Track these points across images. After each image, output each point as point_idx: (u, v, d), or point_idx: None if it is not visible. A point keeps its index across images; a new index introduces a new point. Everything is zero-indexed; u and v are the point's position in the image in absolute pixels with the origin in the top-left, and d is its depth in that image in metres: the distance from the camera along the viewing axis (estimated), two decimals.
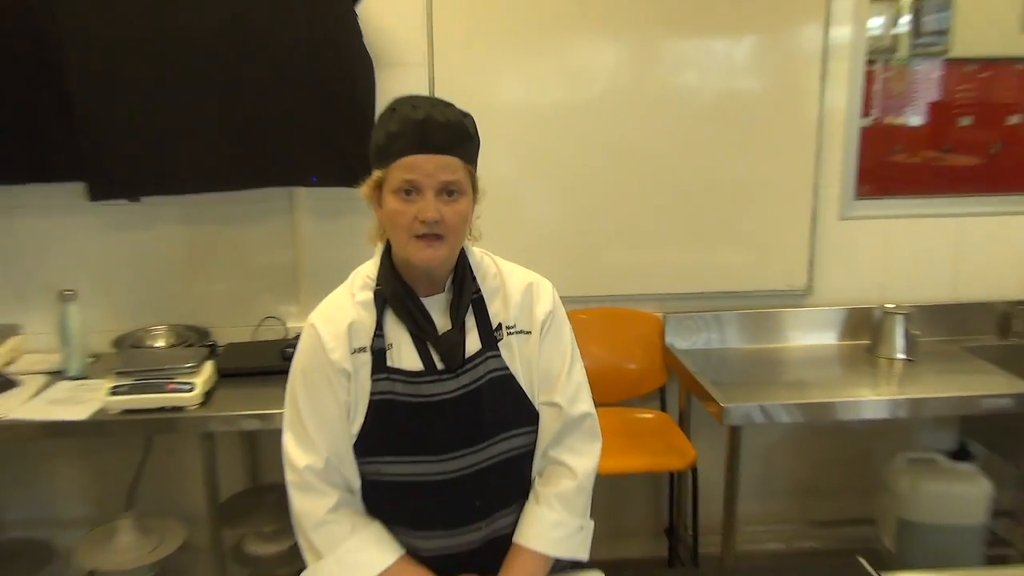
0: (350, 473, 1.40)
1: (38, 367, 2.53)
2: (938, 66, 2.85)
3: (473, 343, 1.40)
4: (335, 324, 1.38)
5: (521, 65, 2.68)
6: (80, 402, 2.27)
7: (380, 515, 1.43)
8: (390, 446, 1.38)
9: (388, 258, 1.41)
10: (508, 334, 1.43)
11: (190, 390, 2.21)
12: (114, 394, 2.19)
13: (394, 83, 2.56)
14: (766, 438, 3.01)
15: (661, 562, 2.99)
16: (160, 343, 2.65)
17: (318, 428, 1.37)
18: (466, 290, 1.40)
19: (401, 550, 1.41)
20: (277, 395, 1.46)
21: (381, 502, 1.42)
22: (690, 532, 2.85)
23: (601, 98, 2.71)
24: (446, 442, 1.38)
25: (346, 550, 1.37)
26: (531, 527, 1.43)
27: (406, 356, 1.38)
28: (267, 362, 2.42)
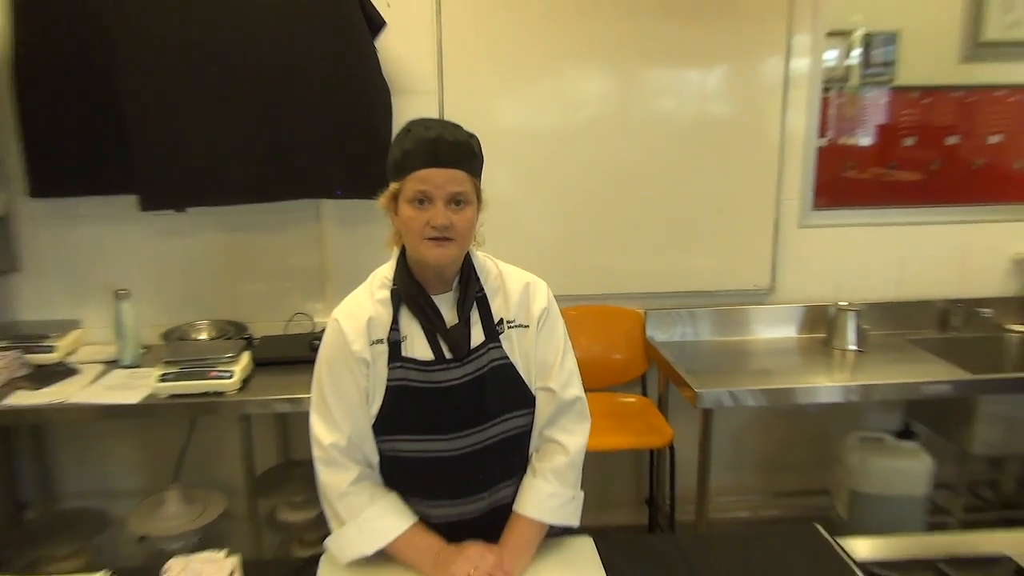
0: (369, 450, 1.39)
1: (96, 357, 2.53)
2: (885, 93, 2.84)
3: (477, 335, 1.39)
4: (356, 319, 1.37)
5: (520, 93, 2.67)
6: (132, 388, 2.27)
7: (396, 487, 1.42)
8: (404, 426, 1.37)
9: (403, 261, 1.40)
10: (508, 328, 1.42)
11: (229, 377, 2.21)
12: (162, 381, 2.19)
13: (409, 108, 2.56)
14: (735, 419, 3.00)
15: (642, 528, 2.98)
16: (203, 336, 2.65)
17: (341, 411, 1.36)
18: (471, 289, 1.40)
19: (415, 518, 1.41)
20: (305, 382, 1.45)
21: (397, 475, 1.42)
22: (668, 502, 2.84)
23: (590, 122, 2.70)
24: (454, 423, 1.37)
25: (366, 518, 1.37)
26: (529, 497, 1.43)
27: (418, 347, 1.37)
28: (297, 353, 2.41)
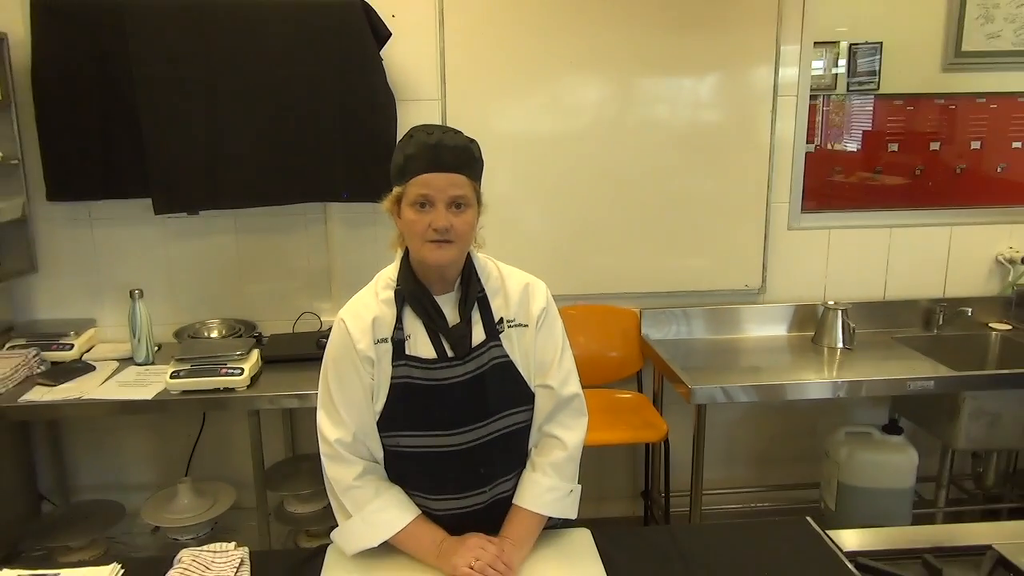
0: (374, 445, 1.38)
1: (111, 355, 2.53)
2: (870, 101, 2.84)
3: (478, 334, 1.38)
4: (361, 319, 1.36)
5: (519, 100, 2.67)
6: (146, 384, 2.27)
7: (400, 481, 1.42)
8: (408, 422, 1.36)
9: (406, 262, 1.39)
10: (508, 327, 1.41)
11: (240, 374, 2.21)
12: (175, 377, 2.19)
13: (413, 115, 2.55)
14: (727, 415, 3.00)
15: (638, 521, 2.98)
16: (214, 334, 2.65)
17: (346, 407, 1.35)
18: (472, 289, 1.39)
19: (418, 511, 1.40)
20: (313, 378, 1.45)
21: (400, 470, 1.41)
22: (663, 495, 2.84)
23: (587, 128, 2.69)
24: (455, 419, 1.36)
25: (371, 510, 1.36)
26: (528, 491, 1.42)
27: (421, 345, 1.37)
28: (304, 350, 2.40)
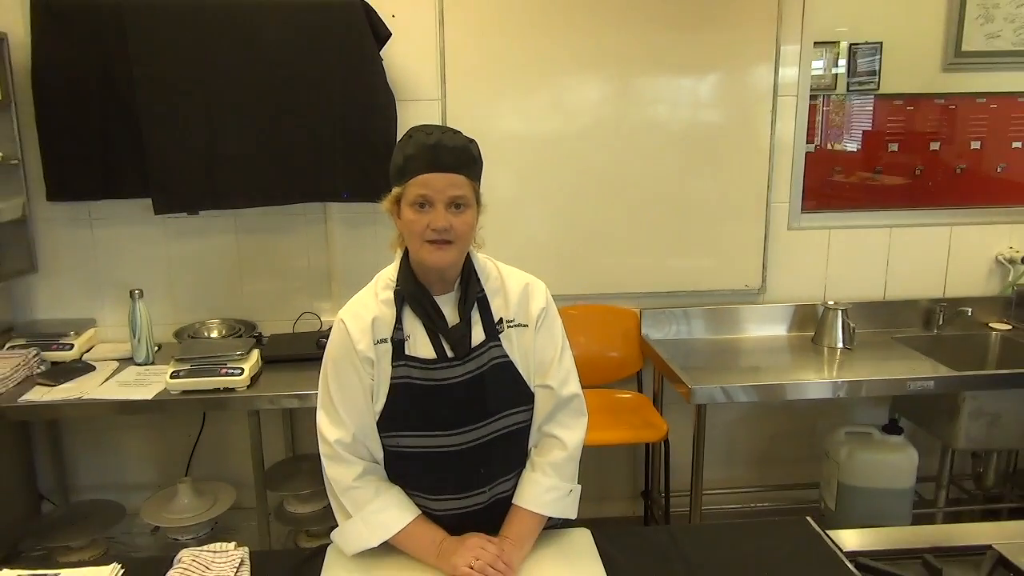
0: (374, 446, 1.38)
1: (111, 354, 2.52)
2: (870, 101, 2.84)
3: (478, 334, 1.38)
4: (361, 319, 1.36)
5: (519, 100, 2.66)
6: (146, 384, 2.26)
7: (400, 481, 1.41)
8: (408, 422, 1.36)
9: (406, 262, 1.39)
10: (508, 327, 1.40)
11: (239, 374, 2.20)
12: (175, 377, 2.18)
13: (412, 115, 2.55)
14: (727, 415, 2.99)
15: (638, 520, 2.97)
16: (214, 334, 2.64)
17: (346, 408, 1.35)
18: (472, 289, 1.38)
19: (418, 511, 1.40)
20: (313, 378, 1.44)
21: (400, 470, 1.40)
22: (663, 495, 2.84)
23: (587, 128, 2.69)
24: (455, 419, 1.36)
25: (370, 511, 1.35)
26: (528, 491, 1.42)
27: (421, 346, 1.36)
28: (304, 350, 2.40)
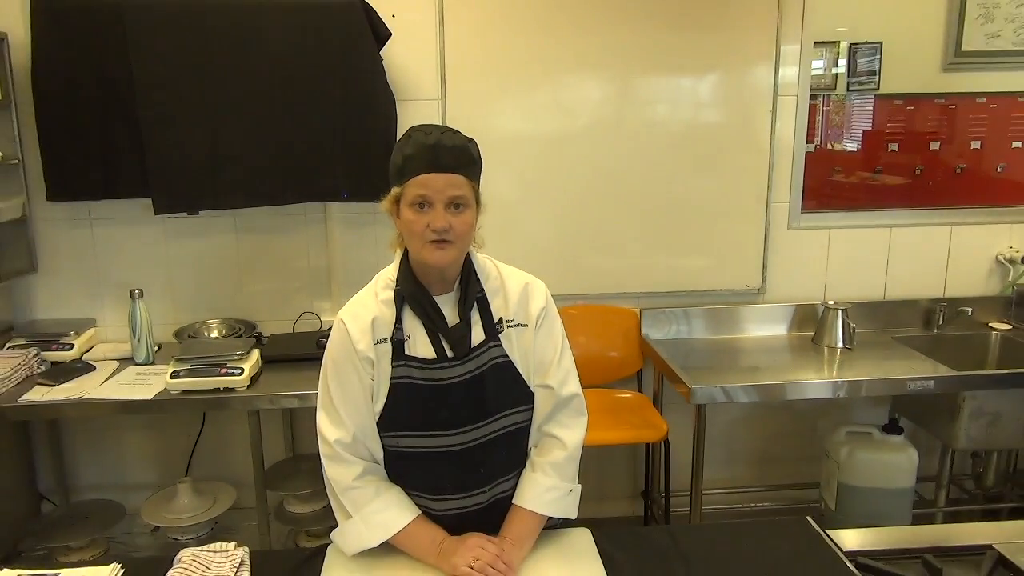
0: (374, 446, 1.38)
1: (111, 354, 2.52)
2: (870, 101, 2.83)
3: (478, 334, 1.38)
4: (361, 319, 1.35)
5: (519, 100, 2.66)
6: (146, 384, 2.26)
7: (400, 481, 1.41)
8: (408, 422, 1.36)
9: (406, 262, 1.39)
10: (508, 327, 1.40)
11: (240, 374, 2.20)
12: (175, 377, 2.18)
13: (412, 115, 2.55)
14: (727, 414, 2.99)
15: (638, 520, 2.97)
16: (214, 334, 2.64)
17: (346, 408, 1.35)
18: (471, 289, 1.38)
19: (417, 511, 1.39)
20: (313, 379, 1.44)
21: (400, 470, 1.40)
22: (663, 495, 2.84)
23: (587, 128, 2.69)
24: (455, 419, 1.36)
25: (371, 511, 1.35)
26: (528, 491, 1.41)
27: (421, 346, 1.36)
28: (304, 350, 2.40)
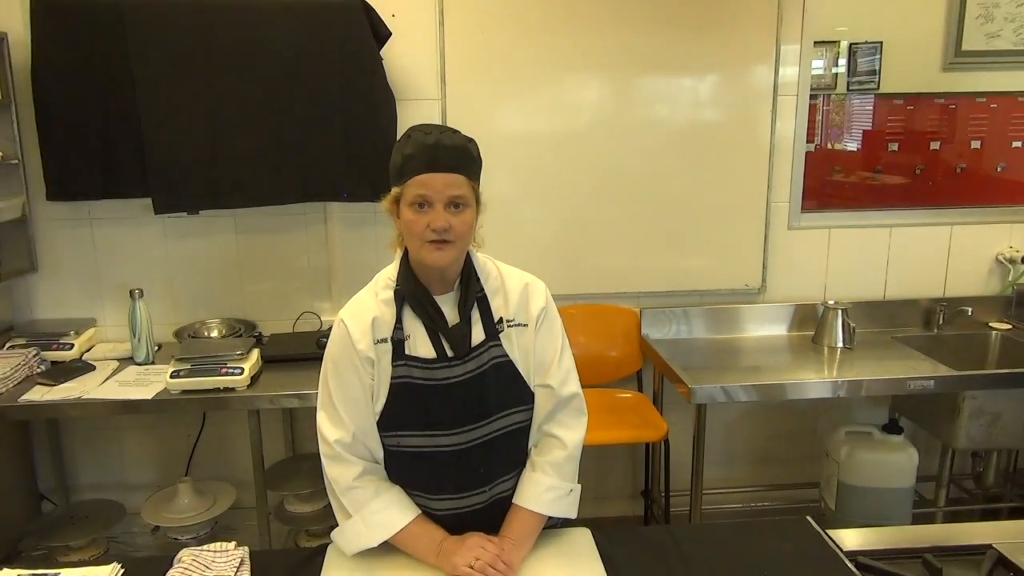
0: (374, 446, 1.38)
1: (111, 354, 2.52)
2: (870, 100, 2.83)
3: (478, 334, 1.38)
4: (361, 319, 1.36)
5: (519, 99, 2.66)
6: (146, 384, 2.27)
7: (400, 481, 1.41)
8: (408, 422, 1.36)
9: (406, 262, 1.39)
10: (508, 326, 1.40)
11: (240, 373, 2.20)
12: (175, 377, 2.18)
13: (412, 115, 2.55)
14: (727, 414, 2.99)
15: (638, 520, 2.97)
16: (214, 334, 2.64)
17: (346, 408, 1.35)
18: (472, 289, 1.38)
19: (417, 511, 1.40)
20: (313, 378, 1.45)
21: (401, 470, 1.40)
22: (663, 494, 2.84)
23: (587, 127, 2.69)
24: (455, 418, 1.36)
25: (370, 511, 1.35)
26: (528, 490, 1.41)
27: (421, 345, 1.36)
28: (304, 350, 2.40)
